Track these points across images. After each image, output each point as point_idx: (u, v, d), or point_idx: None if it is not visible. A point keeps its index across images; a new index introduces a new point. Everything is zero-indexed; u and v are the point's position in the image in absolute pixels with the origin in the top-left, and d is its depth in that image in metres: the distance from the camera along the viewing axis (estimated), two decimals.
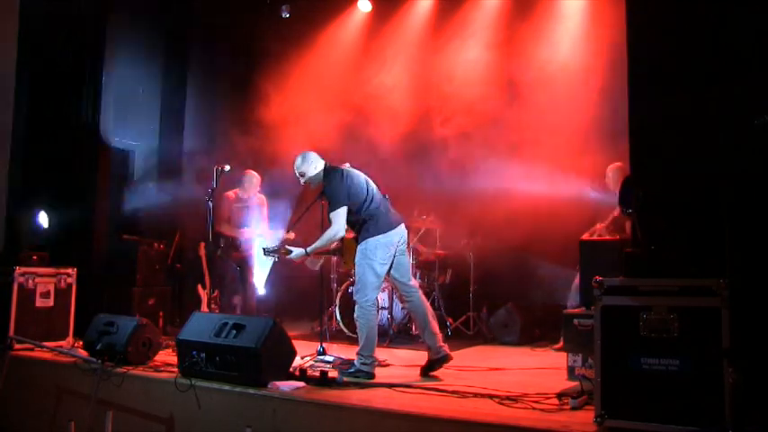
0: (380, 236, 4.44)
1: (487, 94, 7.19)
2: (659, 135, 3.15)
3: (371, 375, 4.31)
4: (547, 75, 7.11)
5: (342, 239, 4.72)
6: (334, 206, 4.44)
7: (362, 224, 4.49)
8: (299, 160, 4.71)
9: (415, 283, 4.71)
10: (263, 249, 4.75)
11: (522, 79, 7.21)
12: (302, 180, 4.72)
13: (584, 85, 6.70)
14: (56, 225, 6.27)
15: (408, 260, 4.66)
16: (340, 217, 4.41)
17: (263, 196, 6.85)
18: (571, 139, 6.74)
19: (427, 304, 4.65)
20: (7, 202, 6.20)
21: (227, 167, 6.50)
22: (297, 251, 4.58)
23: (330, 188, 4.52)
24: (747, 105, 2.76)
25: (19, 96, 6.35)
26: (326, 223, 4.68)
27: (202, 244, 6.49)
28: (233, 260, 6.64)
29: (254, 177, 6.76)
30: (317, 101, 7.77)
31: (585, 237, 5.73)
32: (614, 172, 5.74)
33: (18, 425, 4.86)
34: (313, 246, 4.55)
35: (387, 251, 4.45)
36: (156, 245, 7.08)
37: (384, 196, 4.70)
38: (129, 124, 7.49)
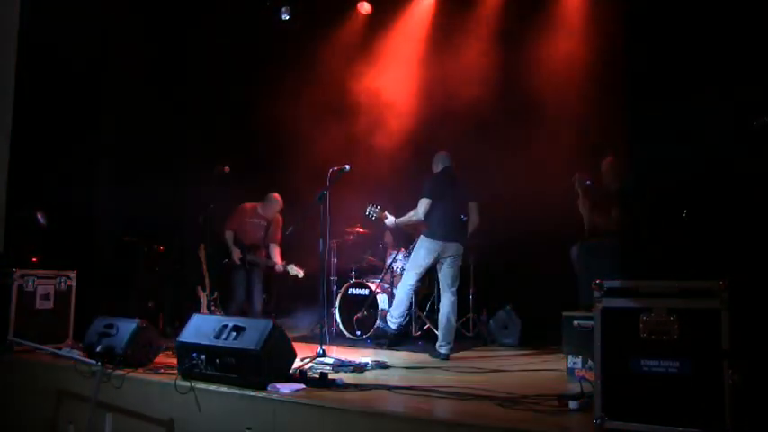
0: (425, 239, 5.57)
1: (487, 95, 7.19)
2: (659, 136, 3.15)
3: (393, 331, 5.82)
4: (547, 76, 7.11)
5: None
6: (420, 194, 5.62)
7: (427, 222, 5.61)
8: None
9: (451, 293, 5.61)
10: (370, 206, 6.10)
11: (522, 81, 7.21)
12: None
13: (584, 85, 6.70)
14: (56, 227, 6.27)
15: (454, 272, 5.62)
16: (420, 205, 5.58)
17: (279, 216, 7.01)
18: (572, 140, 6.74)
19: (449, 315, 5.53)
20: (7, 204, 6.19)
21: (227, 169, 6.54)
22: (390, 218, 5.94)
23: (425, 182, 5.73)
24: (747, 106, 2.76)
25: (19, 98, 6.34)
26: (326, 224, 5.41)
27: (202, 246, 6.50)
28: (241, 269, 6.79)
29: (276, 202, 6.96)
30: (317, 104, 7.77)
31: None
32: (610, 166, 5.87)
33: (17, 427, 4.85)
34: (399, 219, 5.82)
35: (427, 252, 5.55)
36: (155, 247, 7.08)
37: (461, 217, 5.71)
38: (131, 125, 7.50)
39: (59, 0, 6.71)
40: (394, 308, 5.83)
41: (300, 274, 6.63)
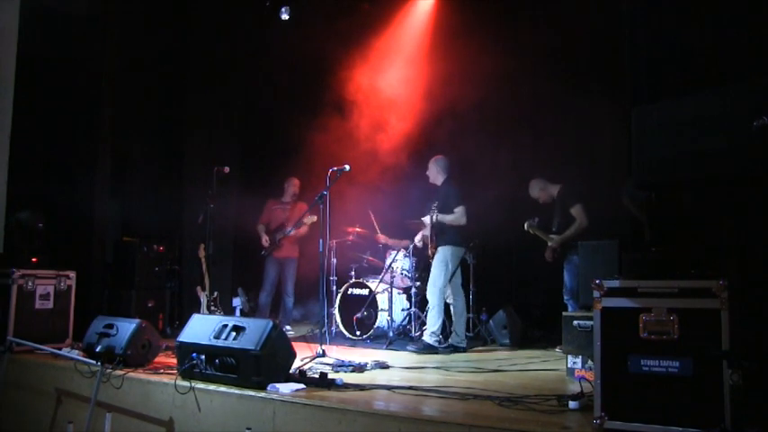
0: (456, 248, 5.88)
1: (489, 96, 7.19)
2: (660, 137, 3.15)
3: (437, 347, 5.67)
4: (547, 76, 7.11)
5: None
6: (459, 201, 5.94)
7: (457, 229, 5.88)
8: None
9: (461, 292, 6.04)
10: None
11: (523, 81, 7.20)
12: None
13: (585, 84, 6.69)
14: (55, 227, 6.26)
15: (459, 274, 6.06)
16: (464, 214, 5.90)
17: (303, 204, 7.38)
18: (574, 139, 6.74)
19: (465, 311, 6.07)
20: (7, 204, 6.19)
21: (227, 169, 6.54)
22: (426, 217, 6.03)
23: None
24: (746, 107, 2.76)
25: (20, 99, 6.34)
26: (323, 221, 5.38)
27: (202, 245, 6.50)
28: (275, 259, 7.23)
29: (288, 182, 7.47)
30: (318, 103, 7.76)
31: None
32: (540, 183, 6.26)
33: (17, 427, 4.85)
34: (443, 217, 5.90)
35: (457, 260, 5.92)
36: (155, 247, 7.08)
37: None
38: (131, 125, 7.49)
39: (59, 2, 6.71)
40: (432, 325, 5.78)
41: (314, 218, 6.86)
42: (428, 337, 5.71)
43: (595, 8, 6.36)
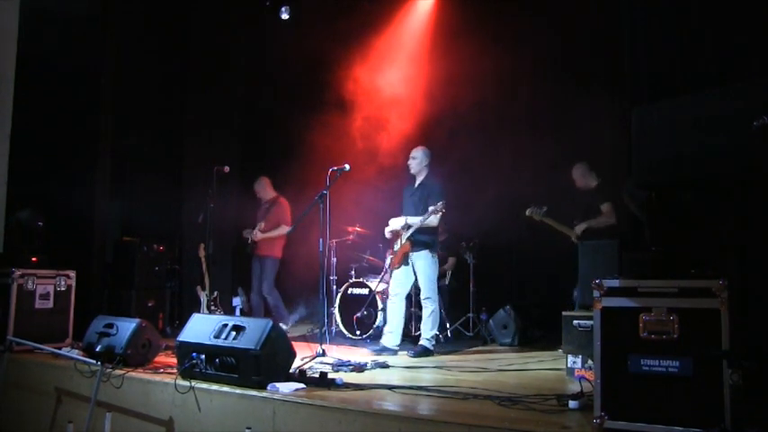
0: (435, 252, 5.75)
1: (489, 96, 7.18)
2: (660, 137, 3.15)
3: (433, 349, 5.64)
4: (548, 75, 7.11)
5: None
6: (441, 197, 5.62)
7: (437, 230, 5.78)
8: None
9: None
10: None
11: (523, 81, 7.19)
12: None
13: (585, 84, 6.69)
14: (55, 227, 6.26)
15: None
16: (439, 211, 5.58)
17: (283, 200, 7.29)
18: (574, 139, 6.73)
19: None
20: (7, 204, 6.19)
21: (227, 169, 6.55)
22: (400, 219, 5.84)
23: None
24: (746, 107, 2.76)
25: (18, 98, 6.34)
26: (323, 223, 5.39)
27: (202, 245, 6.50)
28: (256, 256, 7.19)
29: (260, 181, 7.36)
30: (318, 103, 7.76)
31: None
32: (583, 169, 6.10)
33: (17, 426, 4.85)
34: (419, 220, 5.62)
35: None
36: (155, 247, 7.08)
37: None
38: (131, 125, 7.49)
39: (59, 2, 6.71)
40: (432, 329, 5.66)
41: (250, 234, 6.99)
42: (426, 342, 5.63)
43: (595, 8, 6.36)
